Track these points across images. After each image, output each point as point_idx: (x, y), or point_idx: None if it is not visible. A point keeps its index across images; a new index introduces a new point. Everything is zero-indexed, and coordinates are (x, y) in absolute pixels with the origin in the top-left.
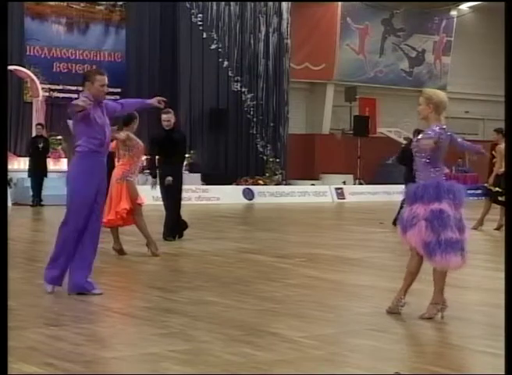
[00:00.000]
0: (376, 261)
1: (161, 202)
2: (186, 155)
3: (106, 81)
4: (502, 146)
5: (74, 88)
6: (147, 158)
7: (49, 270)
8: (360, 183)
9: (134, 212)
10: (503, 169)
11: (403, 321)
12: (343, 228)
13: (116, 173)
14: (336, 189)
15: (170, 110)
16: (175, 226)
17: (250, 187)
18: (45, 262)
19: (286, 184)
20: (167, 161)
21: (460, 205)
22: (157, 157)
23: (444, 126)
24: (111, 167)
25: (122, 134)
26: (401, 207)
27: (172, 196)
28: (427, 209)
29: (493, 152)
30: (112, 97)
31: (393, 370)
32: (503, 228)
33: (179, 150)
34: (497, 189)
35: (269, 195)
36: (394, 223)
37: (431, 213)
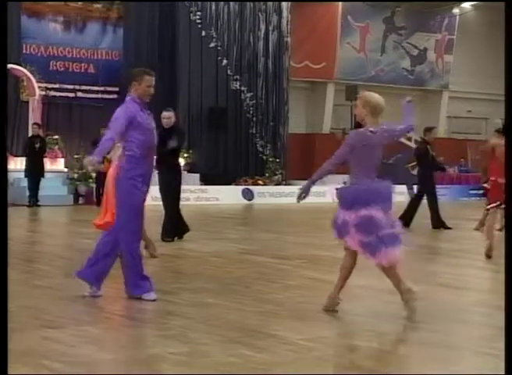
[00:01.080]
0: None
1: (161, 202)
2: (185, 155)
3: (153, 82)
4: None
5: (71, 87)
6: None
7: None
8: None
9: None
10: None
11: (400, 323)
12: None
13: (113, 172)
14: (336, 189)
15: (171, 109)
16: (173, 227)
17: (250, 187)
18: (43, 263)
19: (285, 184)
20: (165, 160)
21: (389, 207)
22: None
23: (371, 129)
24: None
25: None
26: (413, 208)
27: (171, 196)
28: (357, 215)
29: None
30: (110, 96)
31: (393, 372)
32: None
33: (178, 148)
34: None
35: (269, 196)
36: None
37: (360, 219)
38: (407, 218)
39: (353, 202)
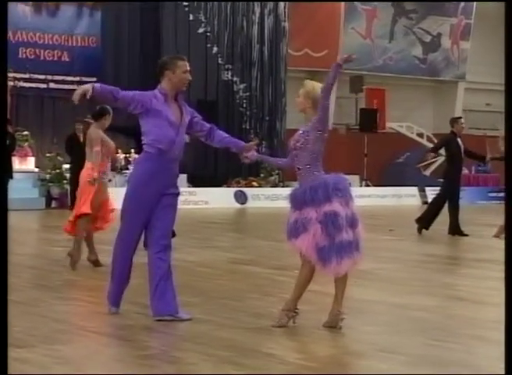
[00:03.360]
0: (384, 273)
1: None
2: None
3: (188, 67)
4: None
5: (42, 77)
6: (125, 157)
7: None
8: (367, 185)
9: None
10: None
11: (413, 341)
12: None
13: (87, 174)
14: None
15: None
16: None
17: (243, 189)
18: (10, 274)
19: (283, 186)
20: None
21: (349, 199)
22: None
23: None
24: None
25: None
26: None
27: None
28: (319, 212)
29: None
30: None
31: None
32: None
33: None
34: None
35: (264, 198)
36: (421, 229)
37: (324, 216)
38: (424, 221)
39: (314, 198)
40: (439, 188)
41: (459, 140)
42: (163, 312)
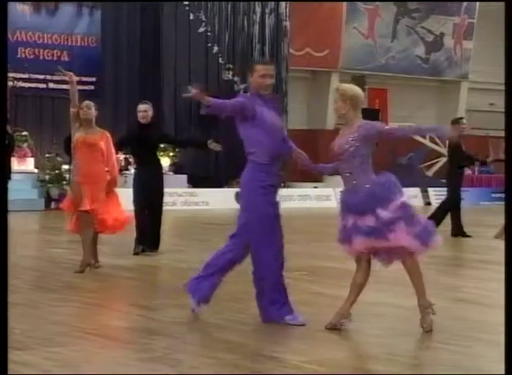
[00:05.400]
0: (386, 274)
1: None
2: (171, 154)
3: (270, 71)
4: None
5: (42, 77)
6: (125, 158)
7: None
8: None
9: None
10: None
11: (421, 344)
12: None
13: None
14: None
15: (148, 101)
16: (148, 237)
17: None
18: (9, 276)
19: (284, 187)
20: (143, 162)
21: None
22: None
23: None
24: None
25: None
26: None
27: (149, 201)
28: (394, 209)
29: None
30: (86, 87)
31: None
32: None
33: (156, 148)
34: None
35: None
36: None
37: (400, 210)
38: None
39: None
40: (443, 190)
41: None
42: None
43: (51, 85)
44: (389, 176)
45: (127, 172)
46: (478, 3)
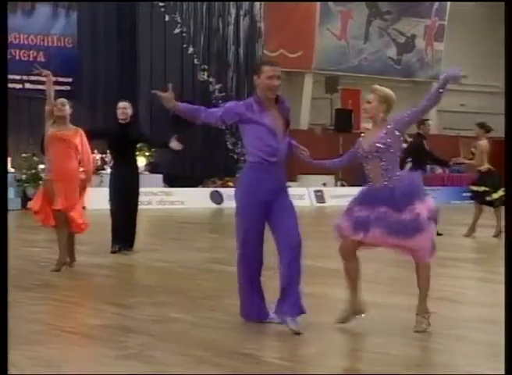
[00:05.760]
0: (362, 272)
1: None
2: (147, 154)
3: (277, 72)
4: (482, 142)
5: (18, 77)
6: (101, 158)
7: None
8: (343, 185)
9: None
10: (485, 167)
11: (396, 341)
12: (323, 235)
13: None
14: (316, 192)
15: (127, 100)
16: (124, 235)
17: (219, 189)
18: None
19: None
20: (120, 160)
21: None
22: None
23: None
24: None
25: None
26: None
27: (124, 200)
28: (424, 209)
29: (472, 149)
30: (62, 87)
31: None
32: (503, 235)
33: (134, 148)
34: (483, 188)
35: None
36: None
37: (429, 212)
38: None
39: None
40: None
41: (424, 141)
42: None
43: (28, 85)
44: (416, 175)
45: (103, 171)
46: (448, 5)
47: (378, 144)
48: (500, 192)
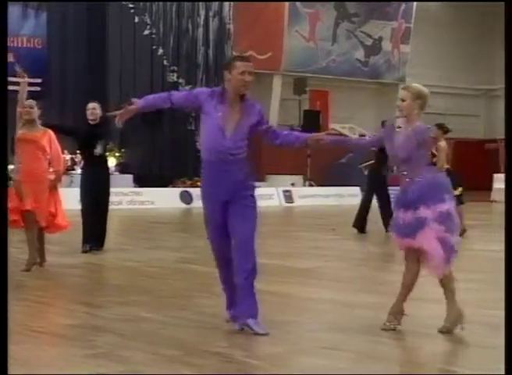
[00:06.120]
0: (328, 271)
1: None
2: (117, 154)
3: (249, 68)
4: (442, 143)
5: None
6: (71, 158)
7: None
8: (311, 185)
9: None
10: (445, 167)
11: (356, 338)
12: (291, 235)
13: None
14: (284, 192)
15: (96, 101)
16: (95, 235)
17: (189, 189)
18: None
19: None
20: (90, 161)
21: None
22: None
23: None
24: None
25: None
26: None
27: (95, 200)
28: (434, 211)
29: (433, 151)
30: (32, 88)
31: None
32: (466, 233)
33: (104, 148)
34: None
35: None
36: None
37: (439, 215)
38: (359, 223)
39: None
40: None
41: None
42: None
43: None
44: (441, 178)
45: (73, 172)
46: (414, 8)
47: (408, 153)
48: (457, 191)
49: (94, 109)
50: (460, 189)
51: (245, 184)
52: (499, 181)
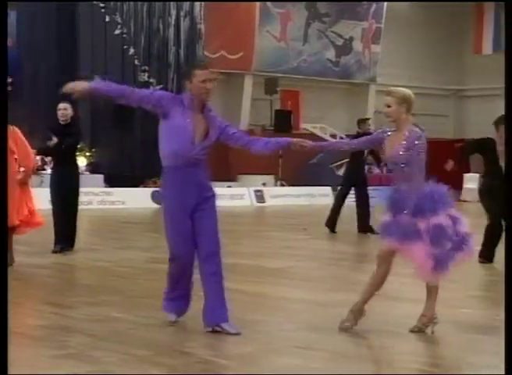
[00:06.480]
0: (299, 271)
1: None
2: (88, 154)
3: (210, 75)
4: None
5: None
6: (41, 158)
7: None
8: (282, 185)
9: None
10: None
11: (331, 337)
12: (262, 235)
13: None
14: (256, 191)
15: (67, 101)
16: (66, 236)
17: (160, 189)
18: None
19: None
20: (61, 161)
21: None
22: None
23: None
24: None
25: None
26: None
27: (64, 200)
28: (429, 224)
29: None
30: None
31: None
32: None
33: (75, 148)
34: None
35: None
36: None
37: (433, 228)
38: (332, 222)
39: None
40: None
41: None
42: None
43: None
44: (442, 189)
45: (43, 172)
46: (384, 8)
47: (400, 153)
48: None
49: (65, 110)
50: None
51: (207, 185)
52: (469, 181)
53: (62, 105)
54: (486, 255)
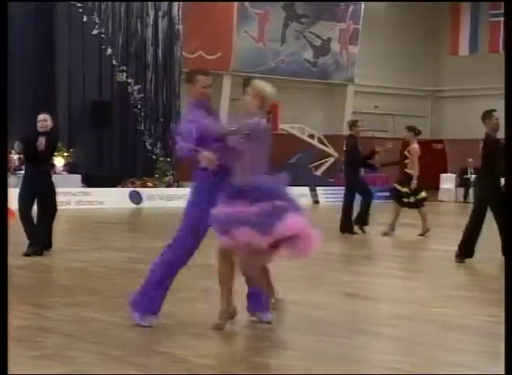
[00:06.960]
0: (286, 271)
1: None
2: (65, 154)
3: (210, 81)
4: (415, 146)
5: None
6: (19, 158)
7: None
8: None
9: None
10: (417, 173)
11: (306, 337)
12: None
13: None
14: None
15: (47, 112)
16: (39, 238)
17: (138, 189)
18: None
19: (177, 186)
20: (36, 166)
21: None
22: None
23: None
24: None
25: None
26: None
27: (42, 203)
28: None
29: (405, 152)
30: None
31: None
32: (428, 233)
33: (51, 154)
34: (405, 190)
35: (159, 199)
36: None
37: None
38: (347, 227)
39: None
40: (331, 189)
41: (357, 142)
42: None
43: None
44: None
45: (21, 172)
46: (362, 9)
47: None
48: (423, 194)
49: (45, 121)
50: (424, 192)
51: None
52: (446, 181)
53: (41, 117)
54: (466, 252)
